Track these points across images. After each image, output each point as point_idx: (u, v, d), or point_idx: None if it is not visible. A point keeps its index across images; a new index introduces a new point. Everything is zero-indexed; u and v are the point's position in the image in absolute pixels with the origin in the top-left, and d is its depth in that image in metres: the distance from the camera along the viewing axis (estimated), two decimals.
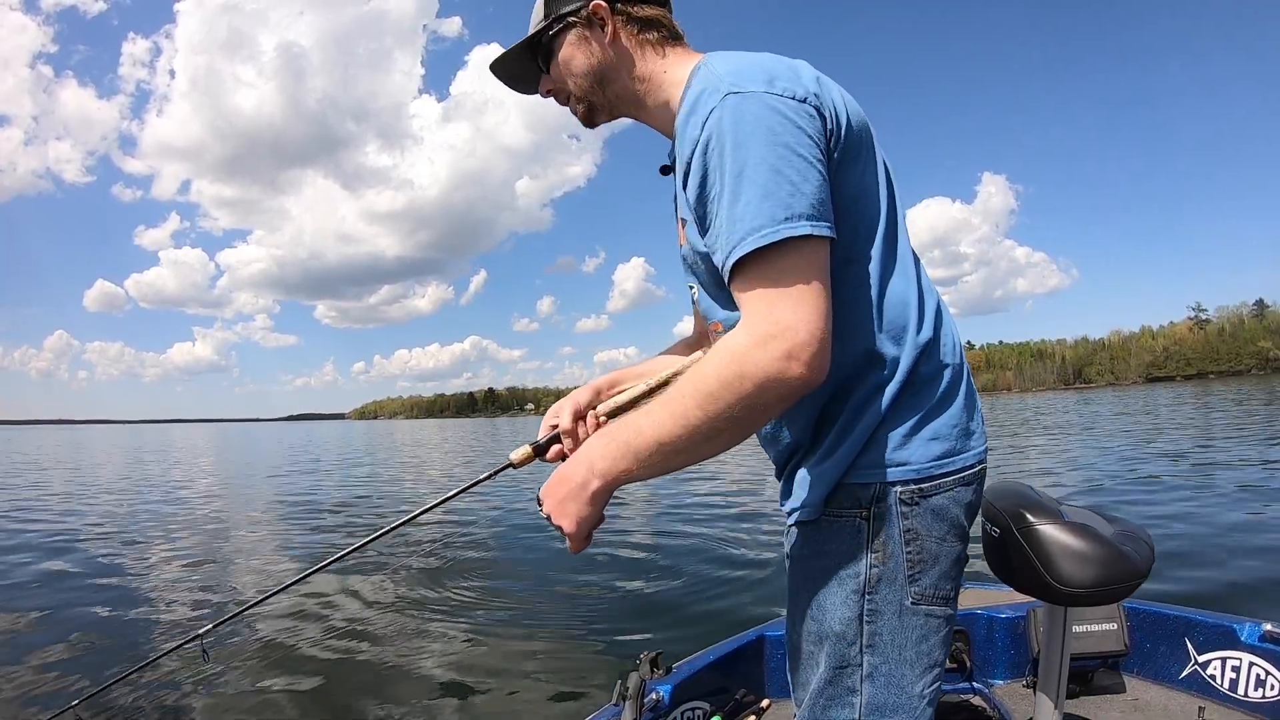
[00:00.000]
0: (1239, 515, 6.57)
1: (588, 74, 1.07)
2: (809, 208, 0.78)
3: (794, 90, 0.82)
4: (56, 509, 10.98)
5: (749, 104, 0.81)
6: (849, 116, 0.88)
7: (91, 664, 4.00)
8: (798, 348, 0.76)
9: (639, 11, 1.06)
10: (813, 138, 0.81)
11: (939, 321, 0.95)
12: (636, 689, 1.69)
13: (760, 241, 0.77)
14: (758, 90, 0.81)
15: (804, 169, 0.79)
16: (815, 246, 0.79)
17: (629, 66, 1.06)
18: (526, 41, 1.09)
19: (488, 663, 3.93)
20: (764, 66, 0.86)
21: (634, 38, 1.06)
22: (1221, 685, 2.01)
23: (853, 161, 0.88)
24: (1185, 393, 55.12)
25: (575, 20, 1.05)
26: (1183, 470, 9.92)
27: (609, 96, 1.09)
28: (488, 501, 10.93)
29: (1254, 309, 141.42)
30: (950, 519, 0.92)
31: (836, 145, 0.85)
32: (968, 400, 0.95)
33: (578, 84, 1.08)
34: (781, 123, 0.80)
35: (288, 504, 11.25)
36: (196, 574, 6.24)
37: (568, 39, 1.06)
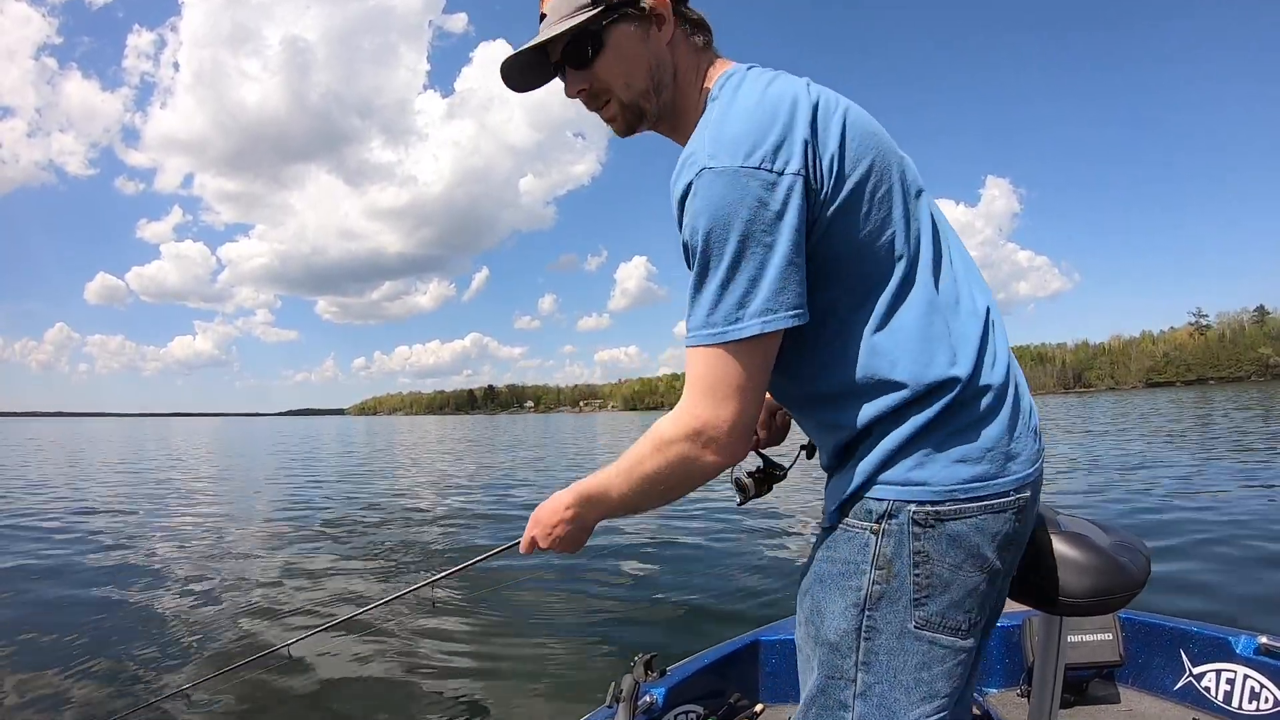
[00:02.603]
0: (1235, 525, 6.57)
1: (646, 74, 0.98)
2: (763, 302, 0.81)
3: (772, 160, 0.81)
4: (102, 501, 10.99)
5: (720, 185, 0.81)
6: (850, 162, 0.86)
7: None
8: (715, 443, 0.86)
9: (692, 13, 1.00)
10: (787, 214, 0.81)
11: (983, 340, 0.91)
12: (630, 691, 1.69)
13: (704, 340, 0.84)
14: (732, 166, 0.81)
15: (765, 257, 0.81)
16: (758, 343, 0.83)
17: (684, 72, 0.99)
18: (572, 30, 0.95)
19: (482, 663, 3.94)
20: (749, 126, 0.83)
21: (687, 39, 0.99)
22: (1216, 697, 2.00)
23: (853, 209, 0.86)
24: (1184, 398, 55.10)
25: (632, 12, 0.95)
26: (1179, 478, 9.91)
27: (660, 103, 1.00)
28: (487, 500, 10.94)
29: (1255, 315, 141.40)
30: (968, 547, 0.88)
31: (829, 203, 0.84)
32: (1011, 422, 0.91)
33: (630, 87, 0.98)
34: (750, 206, 0.80)
35: (341, 500, 11.26)
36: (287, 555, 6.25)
37: (624, 32, 0.95)
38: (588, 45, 0.96)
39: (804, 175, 0.82)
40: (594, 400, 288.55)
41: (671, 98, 1.00)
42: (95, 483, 14.46)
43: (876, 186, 0.87)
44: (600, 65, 0.97)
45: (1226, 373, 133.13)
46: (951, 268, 0.93)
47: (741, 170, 0.80)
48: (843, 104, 0.90)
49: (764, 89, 0.88)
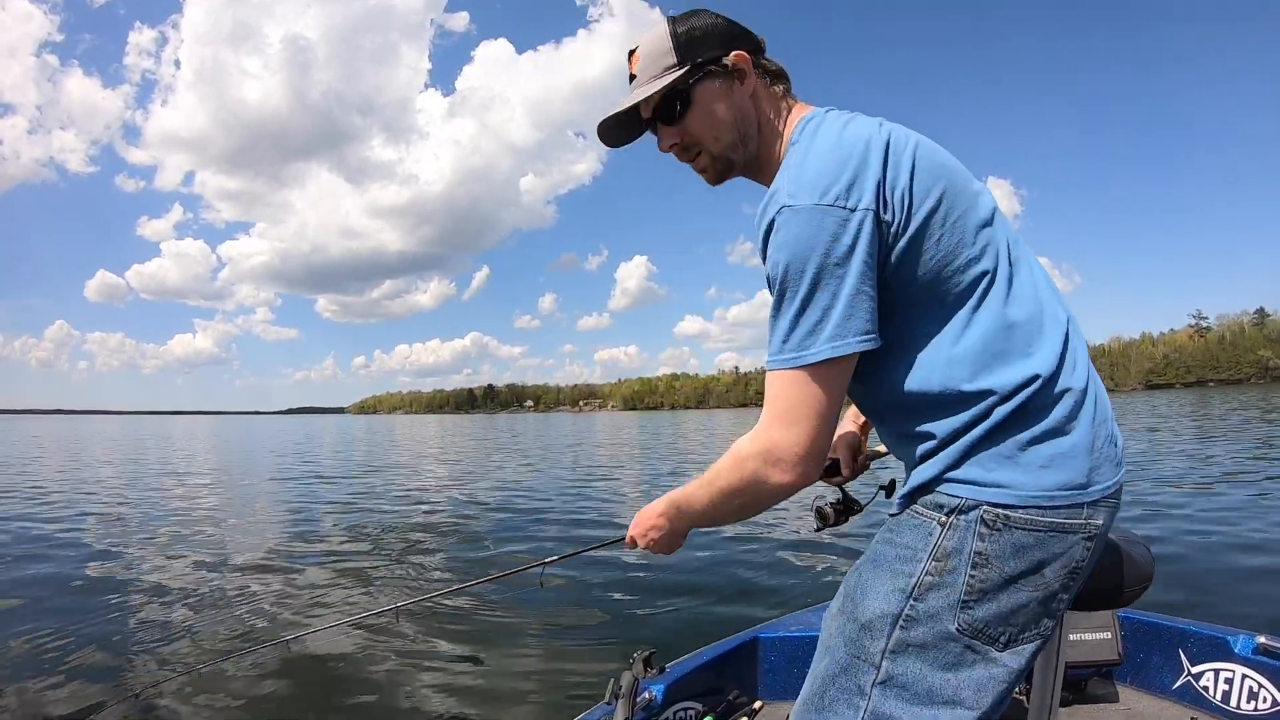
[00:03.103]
0: (1235, 525, 6.58)
1: (733, 127, 1.04)
2: (834, 328, 0.86)
3: (846, 197, 0.87)
4: (106, 498, 10.99)
5: (798, 222, 0.87)
6: (920, 194, 0.90)
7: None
8: (784, 463, 0.91)
9: (770, 64, 1.06)
10: (858, 247, 0.86)
11: (1064, 346, 0.93)
12: (629, 687, 1.69)
13: (780, 365, 0.90)
14: (809, 204, 0.86)
15: (838, 288, 0.86)
16: (829, 367, 0.88)
17: (767, 121, 1.05)
18: (662, 91, 1.03)
19: (480, 659, 3.94)
20: (826, 166, 0.89)
21: (767, 90, 1.05)
22: (1214, 697, 2.00)
23: (926, 236, 0.90)
24: (1184, 400, 55.11)
25: (716, 70, 1.02)
26: (1178, 479, 9.92)
27: (748, 153, 1.06)
28: (485, 500, 10.93)
29: (1255, 317, 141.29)
30: (1030, 561, 0.87)
31: (901, 233, 0.89)
32: (1094, 427, 0.92)
33: (720, 140, 1.04)
34: (825, 241, 0.86)
35: (357, 496, 11.26)
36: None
37: (711, 89, 1.02)
38: (676, 103, 1.03)
39: (875, 210, 0.87)
40: (594, 400, 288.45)
41: (757, 147, 1.06)
42: (96, 481, 14.46)
43: (948, 214, 0.91)
44: (689, 121, 1.03)
45: (1226, 375, 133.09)
46: (1028, 284, 0.96)
47: (818, 207, 0.86)
48: (913, 140, 0.95)
49: (840, 131, 0.94)
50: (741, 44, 1.03)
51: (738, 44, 1.03)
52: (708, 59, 1.01)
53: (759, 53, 1.05)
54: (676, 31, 1.02)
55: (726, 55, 1.01)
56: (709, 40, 1.02)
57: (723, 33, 1.03)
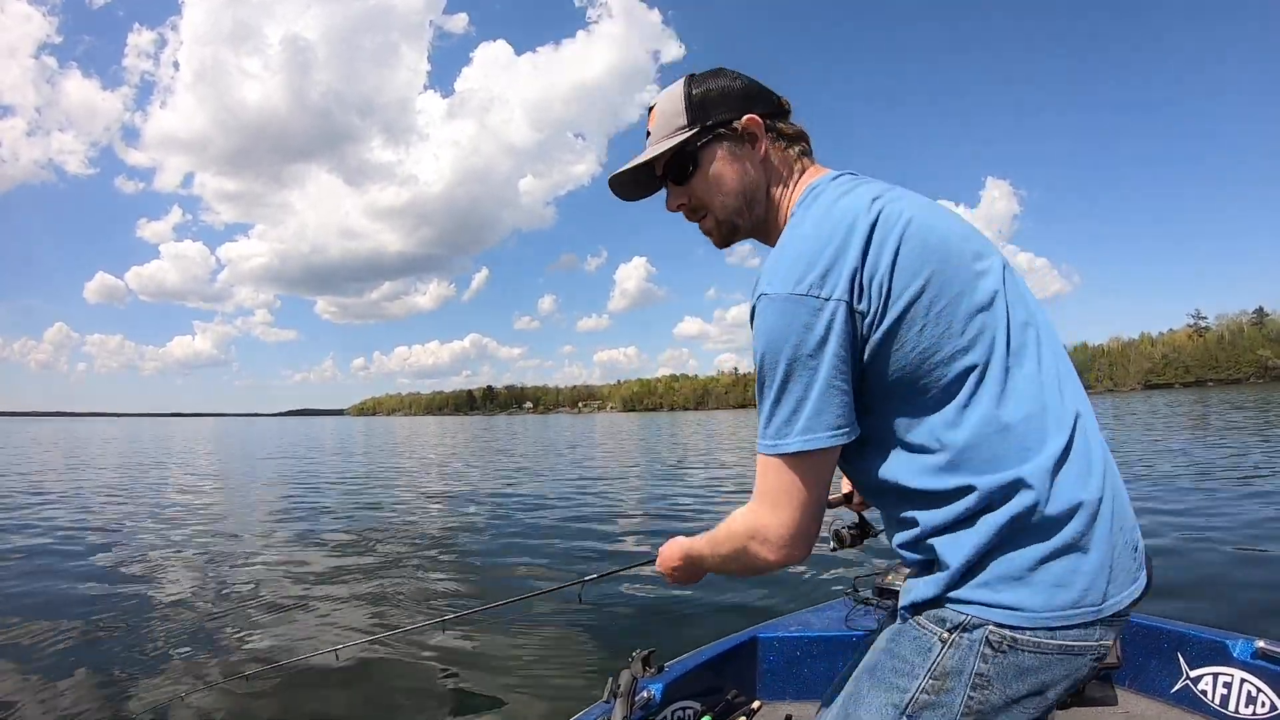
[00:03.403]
0: (1234, 529, 6.58)
1: (739, 194, 1.03)
2: (806, 421, 0.86)
3: (820, 287, 0.85)
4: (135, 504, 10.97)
5: (772, 312, 0.86)
6: (901, 281, 0.86)
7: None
8: (770, 544, 0.92)
9: (787, 128, 1.04)
10: (830, 340, 0.84)
11: (1067, 451, 0.87)
12: (628, 686, 1.70)
13: (762, 450, 0.90)
14: (783, 293, 0.85)
15: (810, 380, 0.85)
16: (806, 458, 0.88)
17: (776, 187, 1.04)
18: (670, 152, 1.03)
19: (480, 658, 3.94)
20: (803, 251, 0.88)
21: (782, 154, 1.03)
22: (1213, 701, 2.00)
23: (906, 327, 0.86)
24: (1183, 400, 55.14)
25: (726, 133, 1.01)
26: (1177, 481, 9.92)
27: (754, 217, 1.05)
28: (484, 499, 10.93)
29: (1254, 317, 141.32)
30: (1034, 684, 0.84)
31: (877, 324, 0.86)
32: (1110, 543, 0.86)
33: (725, 204, 1.04)
34: (797, 332, 0.85)
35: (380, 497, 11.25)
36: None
37: (718, 153, 1.02)
38: (687, 164, 1.03)
39: (848, 300, 0.85)
40: (593, 401, 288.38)
41: (764, 212, 1.04)
42: (98, 485, 14.45)
43: (933, 302, 0.87)
44: (697, 182, 1.03)
45: (1225, 374, 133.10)
46: (1031, 380, 0.89)
47: (791, 297, 0.85)
48: (906, 217, 0.90)
49: (828, 208, 0.92)
50: (757, 107, 1.02)
51: (754, 107, 1.02)
52: (719, 121, 1.00)
53: (779, 115, 1.04)
54: (691, 92, 1.02)
55: (739, 118, 1.00)
56: (723, 102, 1.01)
57: (738, 95, 1.02)
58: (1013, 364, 0.89)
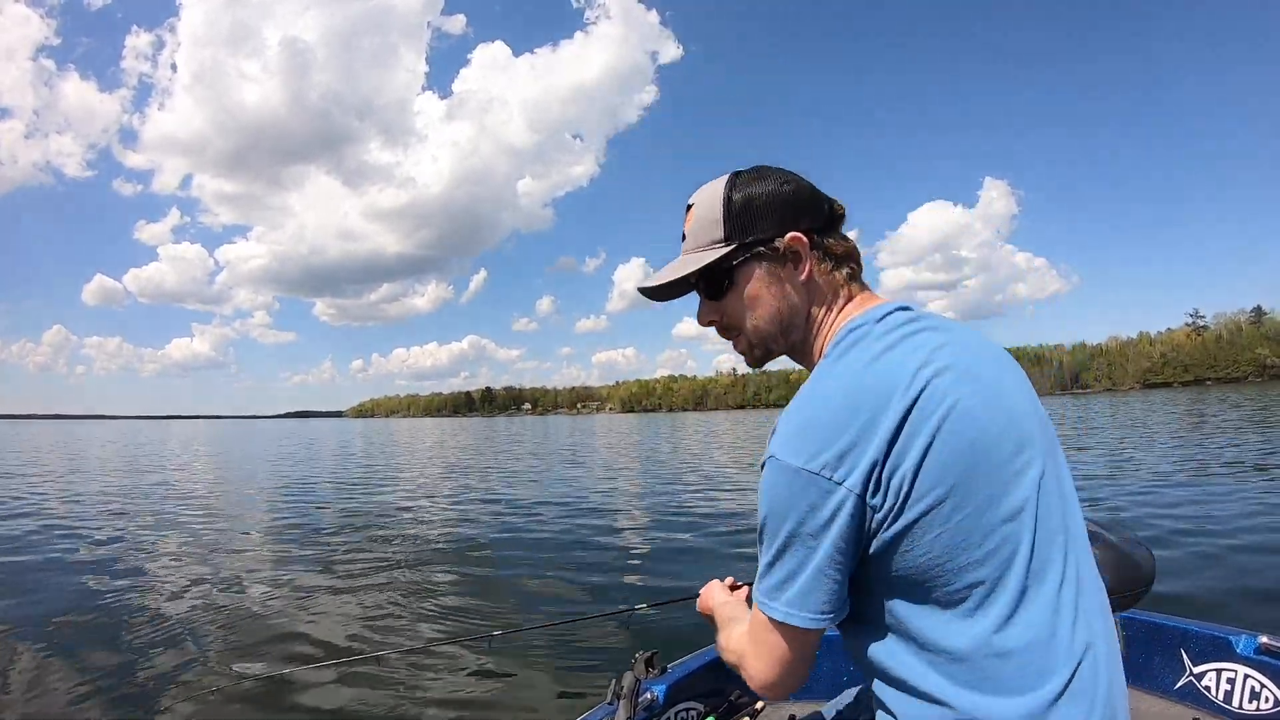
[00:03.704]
0: (1235, 525, 6.59)
1: (776, 318, 0.94)
2: (793, 597, 0.82)
3: (834, 468, 0.77)
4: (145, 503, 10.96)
5: (781, 480, 0.80)
6: (925, 484, 0.77)
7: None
8: (752, 680, 0.91)
9: (836, 246, 0.95)
10: (833, 526, 0.78)
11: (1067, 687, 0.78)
12: (631, 688, 1.69)
13: (754, 598, 0.88)
14: (794, 465, 0.79)
15: (805, 558, 0.80)
16: (789, 627, 0.84)
17: (817, 311, 0.95)
18: (705, 268, 0.95)
19: (482, 660, 3.94)
20: (825, 419, 0.79)
21: (827, 276, 0.94)
22: (1216, 697, 2.00)
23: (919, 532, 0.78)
24: (1180, 399, 55.18)
25: (765, 252, 0.93)
26: (1177, 479, 9.93)
27: (790, 343, 0.97)
28: (485, 500, 10.93)
29: (1252, 316, 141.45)
30: None
31: (889, 522, 0.78)
32: None
33: (760, 328, 0.96)
34: (802, 509, 0.79)
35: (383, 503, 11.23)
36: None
37: (756, 272, 0.93)
38: (721, 280, 0.95)
39: (861, 494, 0.77)
40: (591, 402, 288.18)
41: (802, 336, 0.96)
42: (97, 487, 14.42)
43: (955, 510, 0.78)
44: (730, 301, 0.96)
45: (1224, 373, 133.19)
46: (1046, 605, 0.80)
47: (802, 471, 0.78)
48: (948, 403, 0.78)
49: (865, 366, 0.82)
50: (805, 220, 0.93)
51: (801, 220, 0.93)
52: (759, 238, 0.92)
53: (829, 228, 0.95)
54: (732, 199, 0.93)
55: (782, 235, 0.91)
56: (765, 215, 0.92)
57: (784, 206, 0.92)
58: (1031, 583, 0.80)
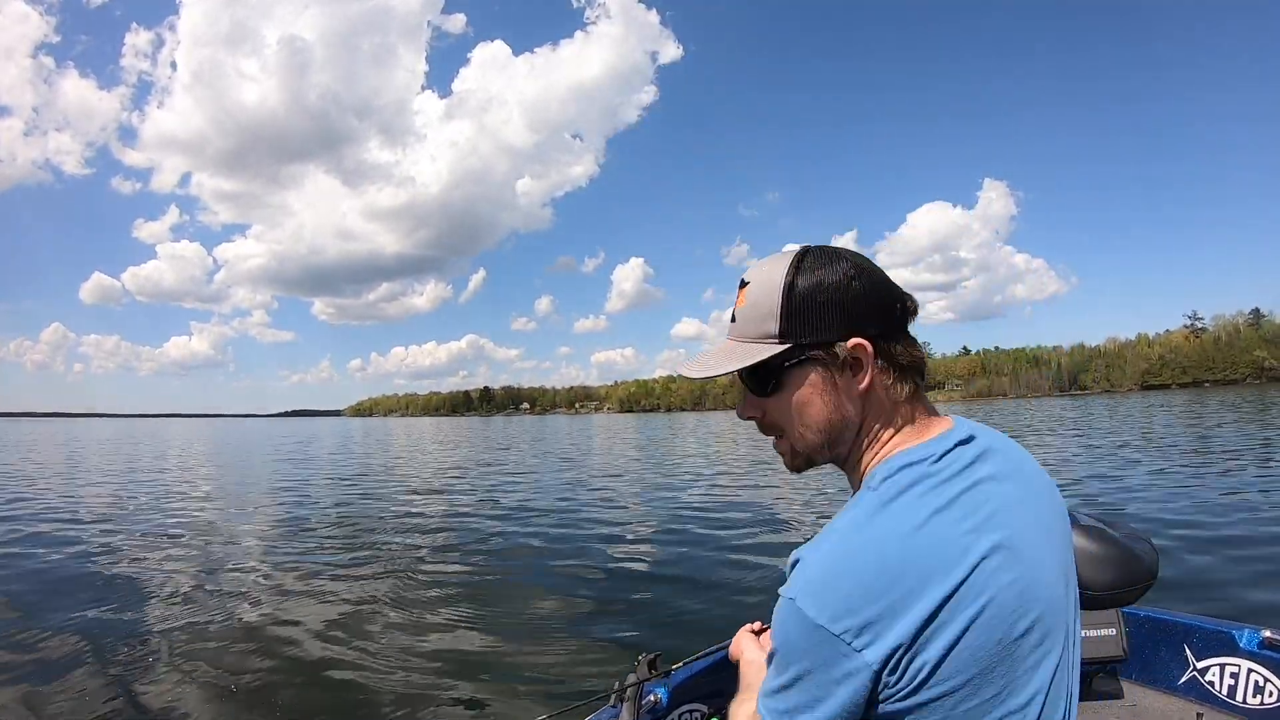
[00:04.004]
0: (1236, 521, 6.61)
1: (824, 429, 0.84)
2: None
3: (855, 636, 0.69)
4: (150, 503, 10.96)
5: (798, 628, 0.72)
6: (945, 675, 0.70)
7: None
8: None
9: (903, 355, 0.83)
10: (843, 688, 0.71)
11: None
12: (634, 691, 1.68)
13: (759, 707, 0.79)
14: (814, 620, 0.70)
15: (813, 700, 0.73)
16: None
17: (871, 426, 0.84)
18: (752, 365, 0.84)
19: (485, 663, 3.96)
20: (856, 582, 0.70)
21: (886, 389, 0.83)
22: (1220, 692, 2.01)
23: (930, 712, 0.71)
24: (1178, 400, 55.29)
25: (824, 356, 0.81)
26: (1178, 476, 9.96)
27: (835, 454, 0.87)
28: (486, 503, 10.94)
29: (1250, 318, 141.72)
30: None
31: (898, 698, 0.71)
32: None
33: (805, 437, 0.86)
34: (816, 660, 0.71)
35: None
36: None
37: (810, 377, 0.83)
38: (770, 379, 0.85)
39: (879, 669, 0.70)
40: (590, 402, 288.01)
41: (848, 451, 0.86)
42: (95, 485, 14.44)
43: (964, 700, 0.72)
44: (777, 402, 0.86)
45: (1222, 375, 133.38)
46: None
47: (821, 628, 0.71)
48: (989, 593, 0.71)
49: (911, 532, 0.72)
50: (872, 324, 0.81)
51: (868, 322, 0.81)
52: (818, 340, 0.81)
53: (896, 331, 0.83)
54: (794, 288, 0.81)
55: (845, 339, 0.80)
56: (829, 314, 0.80)
57: (852, 305, 0.80)
58: None
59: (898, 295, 0.83)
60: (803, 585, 0.73)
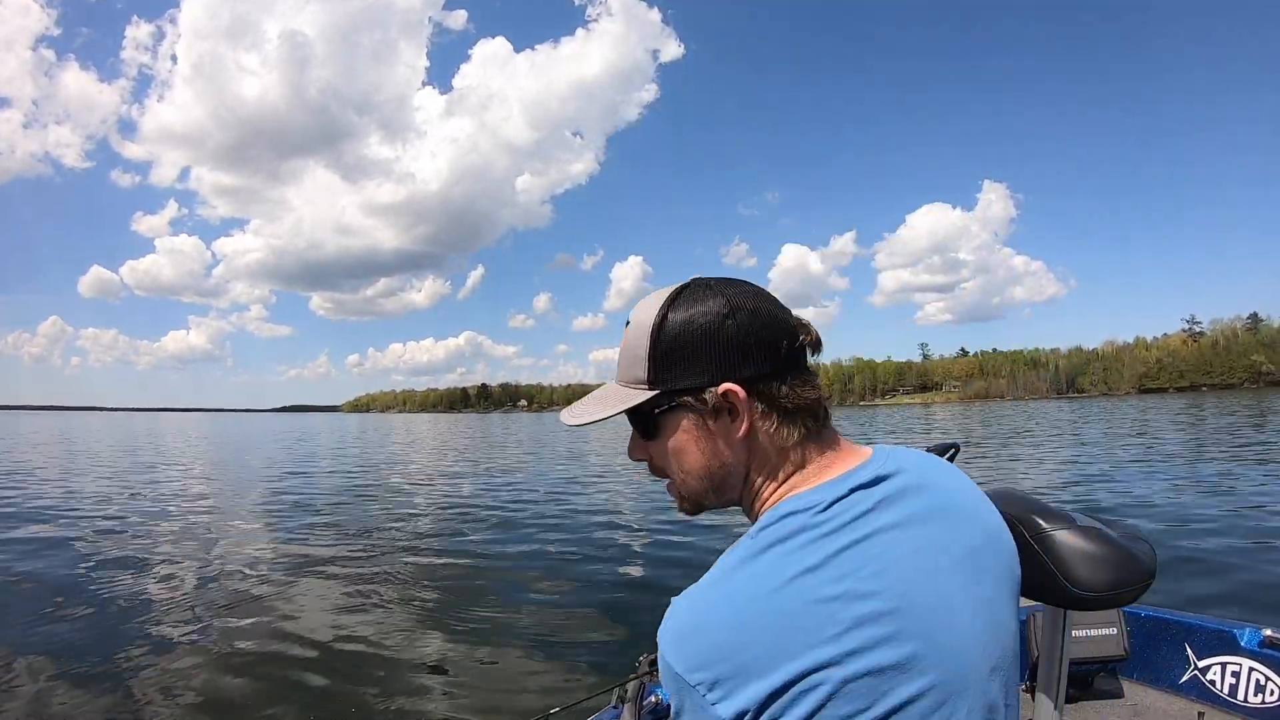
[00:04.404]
0: (1235, 521, 6.62)
1: (703, 475, 0.80)
2: None
3: (708, 689, 0.64)
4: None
5: (666, 671, 0.68)
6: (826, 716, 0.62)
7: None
8: None
9: (789, 398, 0.76)
10: None
11: None
12: (636, 692, 1.68)
13: None
14: (674, 668, 0.66)
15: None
16: None
17: (757, 474, 0.79)
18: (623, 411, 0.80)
19: (487, 665, 3.95)
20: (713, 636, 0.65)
21: (771, 436, 0.76)
22: (1221, 691, 2.01)
23: None
24: (1177, 404, 55.38)
25: (693, 403, 0.76)
26: (1177, 478, 9.97)
27: (726, 500, 0.83)
28: (485, 505, 10.92)
29: (1248, 322, 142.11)
30: None
31: None
32: None
33: (687, 483, 0.82)
34: (685, 705, 0.67)
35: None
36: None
37: (682, 423, 0.78)
38: (645, 424, 0.81)
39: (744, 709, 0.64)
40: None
41: (739, 497, 0.81)
42: (92, 480, 14.41)
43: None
44: (656, 447, 0.82)
45: (1219, 379, 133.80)
46: None
47: (680, 677, 0.66)
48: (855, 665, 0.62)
49: (770, 593, 0.66)
50: (751, 365, 0.74)
51: (745, 365, 0.74)
52: (685, 387, 0.76)
53: (784, 371, 0.76)
54: (661, 332, 0.77)
55: (715, 384, 0.75)
56: (698, 358, 0.75)
57: (725, 347, 0.74)
58: None
59: (785, 332, 0.76)
60: (668, 632, 0.70)
